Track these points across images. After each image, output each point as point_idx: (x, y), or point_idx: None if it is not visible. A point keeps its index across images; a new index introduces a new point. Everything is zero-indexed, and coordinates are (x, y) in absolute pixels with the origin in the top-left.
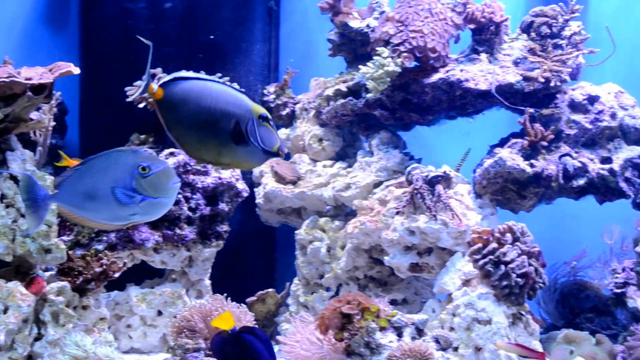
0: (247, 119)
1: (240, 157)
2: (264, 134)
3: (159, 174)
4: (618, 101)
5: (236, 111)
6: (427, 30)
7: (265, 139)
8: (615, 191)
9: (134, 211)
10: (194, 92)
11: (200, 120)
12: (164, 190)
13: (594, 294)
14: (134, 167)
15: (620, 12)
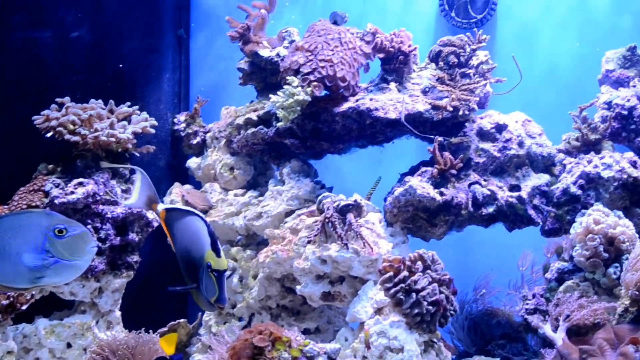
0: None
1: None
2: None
3: (76, 237)
4: (525, 129)
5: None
6: (336, 59)
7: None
8: (524, 218)
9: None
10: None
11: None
12: (80, 253)
13: (505, 321)
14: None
15: (525, 42)
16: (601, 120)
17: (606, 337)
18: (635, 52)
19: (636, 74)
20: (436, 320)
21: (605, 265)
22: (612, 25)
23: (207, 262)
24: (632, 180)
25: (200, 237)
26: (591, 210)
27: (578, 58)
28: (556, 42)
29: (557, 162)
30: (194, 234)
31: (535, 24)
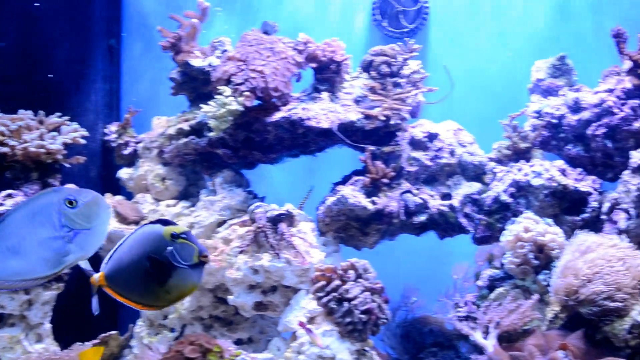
0: (164, 247)
1: (178, 286)
2: (183, 250)
3: (89, 204)
4: (457, 138)
5: (149, 248)
6: (269, 69)
7: (184, 253)
8: (455, 226)
9: (67, 251)
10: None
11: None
12: (97, 218)
13: (437, 328)
14: (59, 204)
15: (457, 51)
16: (531, 129)
17: (536, 343)
18: (565, 61)
19: (566, 83)
20: (368, 328)
21: (535, 272)
22: (543, 34)
23: (171, 234)
24: (561, 188)
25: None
26: (521, 218)
27: (509, 67)
28: (487, 52)
29: (488, 170)
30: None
31: (467, 34)
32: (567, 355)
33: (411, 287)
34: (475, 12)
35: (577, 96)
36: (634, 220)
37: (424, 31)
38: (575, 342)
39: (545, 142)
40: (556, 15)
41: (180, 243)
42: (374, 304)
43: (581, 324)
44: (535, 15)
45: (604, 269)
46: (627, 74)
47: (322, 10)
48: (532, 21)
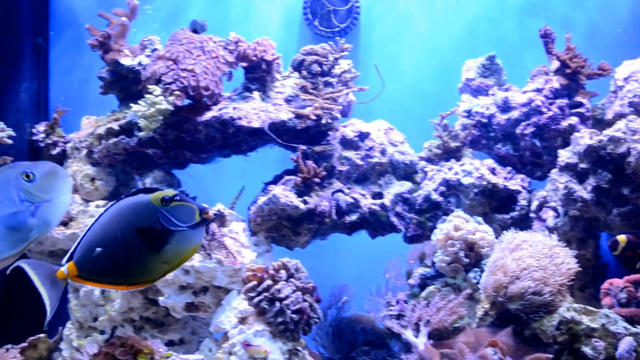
0: (155, 214)
1: (178, 251)
2: (179, 212)
3: (47, 175)
4: (388, 138)
5: (135, 219)
6: (199, 68)
7: (183, 215)
8: (386, 225)
9: (30, 227)
10: (89, 240)
11: (120, 255)
12: (57, 189)
13: (369, 327)
14: (17, 179)
15: (388, 51)
16: (461, 128)
17: (466, 341)
18: (495, 61)
19: (495, 82)
20: (300, 328)
21: (466, 270)
22: (472, 34)
23: (162, 199)
24: (491, 186)
25: (125, 210)
26: (452, 216)
27: (439, 67)
28: (418, 51)
29: (419, 169)
30: (116, 218)
31: (398, 34)
32: (496, 352)
33: (343, 286)
34: (406, 12)
35: (507, 96)
36: (562, 218)
37: (355, 31)
38: (505, 339)
39: (475, 141)
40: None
41: (175, 206)
42: (305, 303)
43: (510, 321)
44: (466, 15)
45: (532, 265)
46: (555, 74)
47: (253, 9)
48: (463, 21)
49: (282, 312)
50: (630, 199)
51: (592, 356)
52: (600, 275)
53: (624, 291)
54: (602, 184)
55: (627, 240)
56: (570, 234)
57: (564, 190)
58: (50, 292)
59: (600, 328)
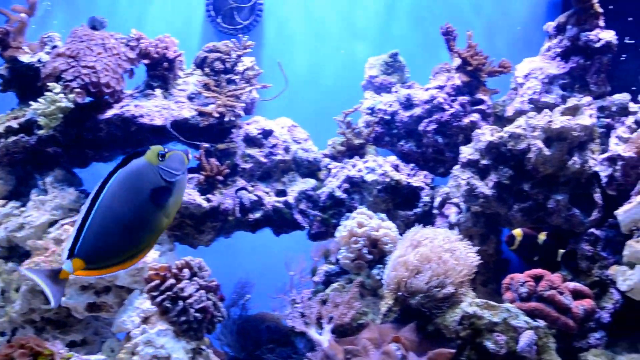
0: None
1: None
2: (172, 162)
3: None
4: (291, 135)
5: (146, 184)
6: (100, 65)
7: (177, 164)
8: (290, 223)
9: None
10: (104, 219)
11: (133, 225)
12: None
13: (274, 325)
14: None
15: (292, 48)
16: (365, 125)
17: (370, 337)
18: (397, 58)
19: (398, 79)
20: (204, 327)
21: (369, 267)
22: (375, 32)
23: (158, 154)
24: (394, 183)
25: (127, 180)
26: (355, 213)
27: (342, 64)
28: (321, 49)
29: (322, 166)
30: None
31: (302, 31)
32: (399, 347)
33: (247, 284)
34: (310, 9)
35: (409, 93)
36: (464, 214)
37: (258, 28)
38: (408, 334)
39: (378, 138)
40: (389, 13)
41: (169, 157)
42: (209, 302)
43: (414, 317)
44: (369, 13)
45: (433, 261)
46: (457, 71)
47: (155, 5)
48: (365, 18)
49: (186, 311)
50: (530, 195)
51: (494, 350)
52: (502, 270)
53: (525, 286)
54: (503, 180)
55: (523, 233)
56: (472, 229)
57: (466, 187)
58: (55, 292)
59: (502, 322)
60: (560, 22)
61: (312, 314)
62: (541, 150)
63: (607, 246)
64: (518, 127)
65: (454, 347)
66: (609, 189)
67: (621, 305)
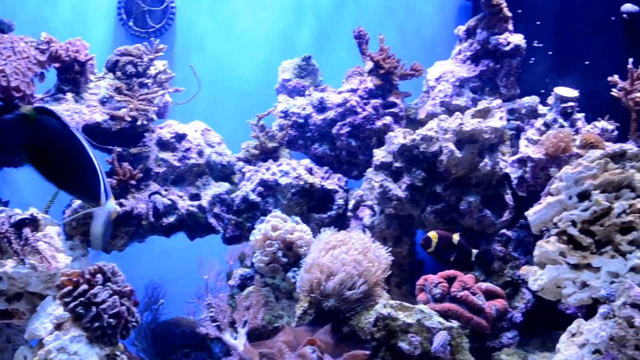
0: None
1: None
2: None
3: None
4: (205, 138)
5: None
6: (9, 69)
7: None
8: (205, 227)
9: None
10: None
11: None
12: None
13: (190, 330)
14: None
15: (206, 52)
16: (279, 129)
17: (286, 340)
18: (310, 61)
19: (311, 82)
20: (117, 332)
21: (285, 270)
22: (289, 35)
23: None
24: (308, 186)
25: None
26: (270, 216)
27: (256, 67)
28: (235, 52)
29: (237, 170)
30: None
31: (215, 34)
32: (315, 350)
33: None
34: (223, 13)
35: (322, 96)
36: (378, 216)
37: (171, 31)
38: (324, 336)
39: (292, 141)
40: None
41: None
42: (123, 307)
43: (329, 319)
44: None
45: (347, 263)
46: (369, 74)
47: (66, 8)
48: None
49: (99, 316)
50: (443, 197)
51: (409, 351)
52: (416, 271)
53: (438, 287)
54: (416, 182)
55: (438, 235)
56: (386, 231)
57: (380, 189)
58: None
59: (416, 323)
60: (471, 26)
61: (226, 318)
62: (453, 153)
63: (518, 246)
64: (430, 129)
65: (369, 348)
66: (520, 190)
67: (532, 305)
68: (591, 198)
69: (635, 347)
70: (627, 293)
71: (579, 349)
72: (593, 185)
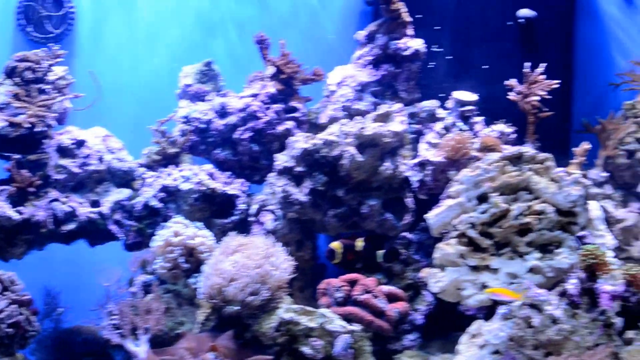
0: None
1: None
2: None
3: None
4: (106, 145)
5: None
6: None
7: None
8: (105, 234)
9: None
10: None
11: None
12: None
13: (91, 337)
14: None
15: (107, 57)
16: (180, 134)
17: (188, 347)
18: (212, 67)
19: (213, 88)
20: (16, 342)
21: (187, 276)
22: (190, 40)
23: None
24: (210, 191)
25: None
26: (171, 222)
27: (158, 73)
28: (136, 58)
29: (138, 176)
30: None
31: (116, 40)
32: (217, 356)
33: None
34: (123, 18)
35: (224, 101)
36: (280, 221)
37: (70, 37)
38: (226, 342)
39: (194, 146)
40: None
41: None
42: (21, 316)
43: (231, 324)
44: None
45: (249, 268)
46: (271, 79)
47: None
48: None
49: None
50: (344, 200)
51: (311, 355)
52: (319, 275)
53: (341, 290)
54: (318, 186)
55: (342, 245)
56: (288, 236)
57: (282, 194)
58: None
59: (319, 327)
60: (371, 31)
61: (128, 325)
62: (354, 157)
63: (419, 249)
64: (331, 134)
65: (271, 353)
66: (420, 193)
67: (434, 307)
68: (490, 200)
69: (533, 347)
70: (526, 294)
71: (479, 349)
72: (491, 188)
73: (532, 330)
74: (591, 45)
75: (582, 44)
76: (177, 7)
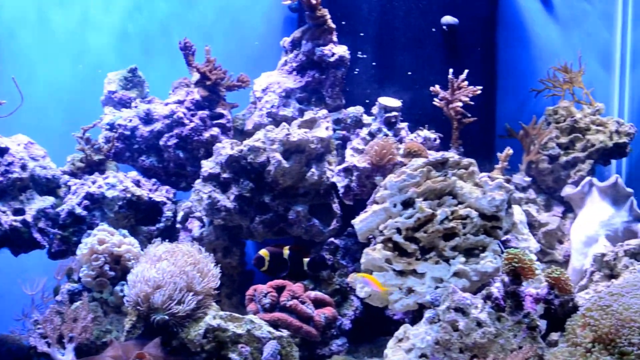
0: None
1: None
2: None
3: None
4: (29, 152)
5: None
6: None
7: None
8: (29, 242)
9: None
10: None
11: None
12: None
13: (16, 347)
14: None
15: (28, 64)
16: (105, 141)
17: (114, 355)
18: (136, 73)
19: (138, 94)
20: None
21: (112, 284)
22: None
23: None
24: (135, 198)
25: None
26: (96, 230)
27: (81, 80)
28: (60, 65)
29: (62, 183)
30: None
31: (39, 47)
32: None
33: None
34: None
35: (149, 108)
36: (207, 227)
37: None
38: (153, 350)
39: (119, 153)
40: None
41: None
42: None
43: (158, 332)
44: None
45: (175, 275)
46: (196, 86)
47: None
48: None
49: None
50: (271, 207)
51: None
52: (246, 282)
53: (268, 296)
54: (244, 192)
55: (270, 253)
56: (215, 242)
57: (208, 200)
58: None
59: (246, 334)
60: (296, 37)
61: (54, 334)
62: (280, 163)
63: (346, 254)
64: (257, 140)
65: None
66: (346, 199)
67: (361, 312)
68: (415, 205)
69: (459, 350)
70: (451, 297)
71: (406, 353)
72: (416, 193)
73: (457, 334)
74: (513, 52)
75: (504, 50)
76: (103, 14)
